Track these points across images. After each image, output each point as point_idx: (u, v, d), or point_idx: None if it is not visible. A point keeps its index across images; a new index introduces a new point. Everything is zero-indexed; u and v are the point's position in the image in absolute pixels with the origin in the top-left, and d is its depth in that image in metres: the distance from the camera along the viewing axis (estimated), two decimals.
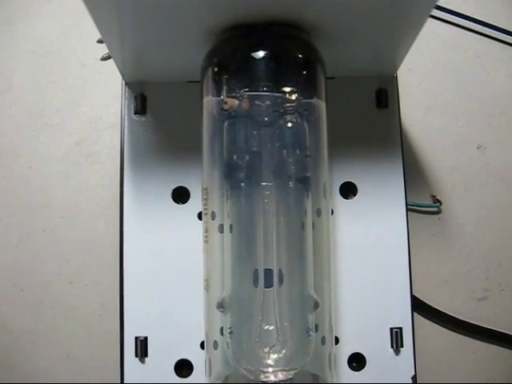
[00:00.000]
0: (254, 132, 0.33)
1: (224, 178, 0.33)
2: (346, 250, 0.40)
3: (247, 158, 0.33)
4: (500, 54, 0.47)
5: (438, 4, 0.44)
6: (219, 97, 0.33)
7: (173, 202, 0.41)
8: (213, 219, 0.35)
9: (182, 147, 0.41)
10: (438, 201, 0.44)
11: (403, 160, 0.41)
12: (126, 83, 0.41)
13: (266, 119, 0.32)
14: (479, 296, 0.45)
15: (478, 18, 0.48)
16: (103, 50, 0.44)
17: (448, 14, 0.47)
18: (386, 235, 0.41)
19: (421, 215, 0.45)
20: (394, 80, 0.42)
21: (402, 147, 0.41)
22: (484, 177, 0.46)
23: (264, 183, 0.33)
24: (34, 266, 0.44)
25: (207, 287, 0.34)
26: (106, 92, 0.45)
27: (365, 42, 0.36)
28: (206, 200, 0.35)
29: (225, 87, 0.32)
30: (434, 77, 0.47)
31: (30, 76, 0.47)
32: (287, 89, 0.32)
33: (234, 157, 0.33)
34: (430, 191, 0.45)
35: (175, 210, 0.40)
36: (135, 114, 0.41)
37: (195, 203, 0.40)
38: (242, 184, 0.33)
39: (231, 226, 0.34)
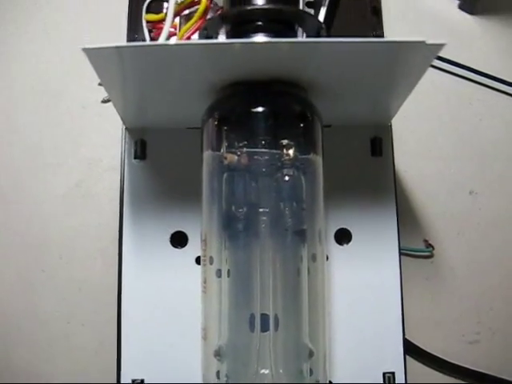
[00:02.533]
0: (252, 184, 0.34)
1: (222, 229, 0.34)
2: (339, 294, 0.41)
3: (245, 209, 0.34)
4: (493, 101, 0.49)
5: None
6: (219, 151, 0.33)
7: (171, 246, 0.41)
8: (211, 264, 0.36)
9: (181, 192, 0.41)
10: (431, 245, 0.45)
11: (397, 206, 0.42)
12: (126, 128, 0.42)
13: (264, 171, 0.33)
14: (471, 339, 0.45)
15: (471, 66, 0.49)
16: (103, 92, 0.45)
17: (442, 62, 0.48)
18: (379, 280, 0.41)
19: (414, 259, 0.45)
20: (388, 129, 0.43)
21: (396, 194, 0.42)
22: (476, 222, 0.47)
23: (261, 233, 0.34)
24: (31, 305, 0.44)
25: (205, 336, 0.35)
26: (106, 134, 0.46)
27: (361, 97, 0.37)
28: (204, 248, 0.36)
29: (224, 142, 0.33)
30: (427, 123, 0.48)
31: (29, 115, 0.47)
32: (285, 144, 0.33)
33: (233, 208, 0.34)
34: (422, 236, 0.46)
35: (173, 254, 0.41)
36: (135, 158, 0.42)
37: (193, 248, 0.41)
38: (240, 234, 0.34)
39: (229, 271, 0.35)
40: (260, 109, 0.33)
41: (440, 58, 0.48)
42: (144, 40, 0.43)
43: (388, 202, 0.42)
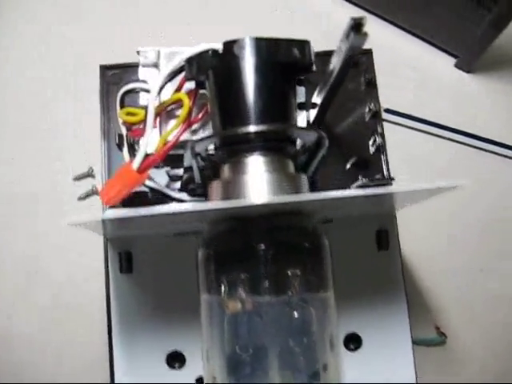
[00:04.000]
0: (258, 323, 0.31)
1: (227, 374, 0.31)
2: None
3: (251, 351, 0.30)
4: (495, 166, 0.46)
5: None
6: (218, 295, 0.30)
7: (167, 367, 0.38)
8: None
9: (175, 307, 0.38)
10: (443, 334, 0.42)
11: (407, 300, 0.39)
12: (106, 238, 0.38)
13: (270, 314, 0.30)
14: None
15: (468, 127, 0.46)
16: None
17: (440, 130, 0.45)
18: (394, 380, 0.39)
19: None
20: (393, 219, 0.40)
21: (406, 290, 0.39)
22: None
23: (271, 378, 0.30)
24: None
25: None
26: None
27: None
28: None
29: (224, 284, 0.30)
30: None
31: (9, 223, 0.43)
32: (292, 285, 0.30)
33: (237, 349, 0.31)
34: (433, 321, 0.43)
35: (171, 376, 0.38)
36: (121, 271, 0.38)
37: (192, 368, 0.37)
38: (247, 380, 0.30)
39: None
40: (262, 245, 0.29)
41: (438, 126, 0.45)
42: (121, 138, 0.39)
43: (398, 299, 0.39)
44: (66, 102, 0.48)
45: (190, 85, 0.36)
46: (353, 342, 0.39)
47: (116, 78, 0.42)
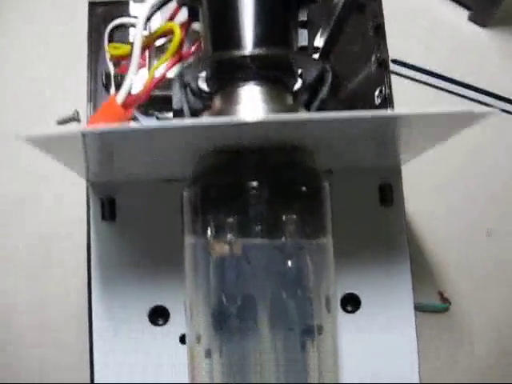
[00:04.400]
0: (247, 269, 0.28)
1: (213, 329, 0.28)
2: (349, 369, 0.35)
3: (239, 302, 0.28)
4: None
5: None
6: (204, 237, 0.27)
7: (150, 323, 0.35)
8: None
9: (160, 259, 0.35)
10: (447, 300, 0.39)
11: (411, 262, 0.36)
12: (88, 182, 0.35)
13: (261, 261, 0.27)
14: None
15: (482, 84, 0.43)
16: None
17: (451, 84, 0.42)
18: (393, 346, 0.36)
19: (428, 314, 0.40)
20: (399, 173, 0.37)
21: (410, 249, 0.36)
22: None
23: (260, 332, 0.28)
24: None
25: None
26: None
27: (369, 149, 0.31)
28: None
29: (211, 225, 0.27)
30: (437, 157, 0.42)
31: None
32: (288, 228, 0.27)
33: (224, 299, 0.28)
34: (437, 287, 0.40)
35: (153, 333, 0.35)
36: (103, 219, 0.35)
37: (176, 325, 0.35)
38: (235, 335, 0.28)
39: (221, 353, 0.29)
40: (255, 183, 0.26)
41: (449, 80, 0.42)
42: (108, 77, 0.36)
43: (400, 259, 0.36)
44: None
45: (183, 17, 0.33)
46: (350, 303, 0.36)
47: (106, 15, 0.39)
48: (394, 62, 0.44)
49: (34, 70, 0.43)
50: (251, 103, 0.26)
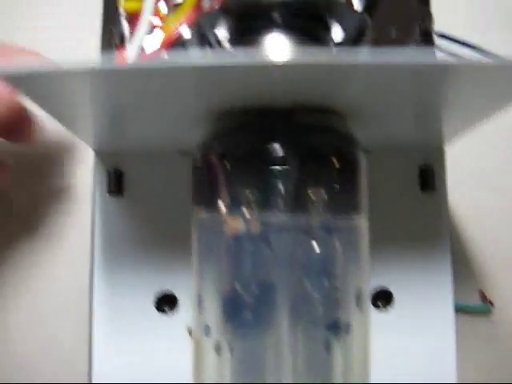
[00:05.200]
0: (265, 251, 0.24)
1: (225, 321, 0.24)
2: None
3: (255, 290, 0.24)
4: None
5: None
6: (217, 211, 0.23)
7: (156, 310, 0.32)
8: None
9: (171, 240, 0.31)
10: (490, 301, 0.35)
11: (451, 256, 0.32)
12: (94, 152, 0.32)
13: (284, 241, 0.23)
14: None
15: None
16: None
17: None
18: (429, 349, 0.32)
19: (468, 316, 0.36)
20: (442, 154, 0.32)
21: (451, 241, 0.32)
22: None
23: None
24: None
25: None
26: None
27: (410, 118, 0.27)
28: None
29: (225, 197, 0.23)
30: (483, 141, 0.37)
31: None
32: (315, 204, 0.23)
33: (237, 287, 0.24)
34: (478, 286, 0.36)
35: (159, 321, 0.32)
36: (109, 193, 0.32)
37: (184, 313, 0.31)
38: (249, 328, 0.24)
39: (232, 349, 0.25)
40: (278, 149, 0.22)
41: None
42: (122, 35, 0.32)
43: (441, 253, 0.32)
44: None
45: None
46: (381, 299, 0.32)
47: None
48: (440, 36, 0.39)
49: (44, 33, 0.40)
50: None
